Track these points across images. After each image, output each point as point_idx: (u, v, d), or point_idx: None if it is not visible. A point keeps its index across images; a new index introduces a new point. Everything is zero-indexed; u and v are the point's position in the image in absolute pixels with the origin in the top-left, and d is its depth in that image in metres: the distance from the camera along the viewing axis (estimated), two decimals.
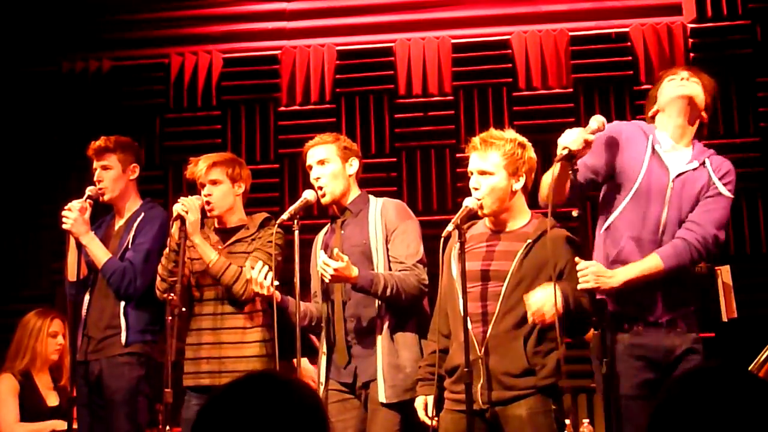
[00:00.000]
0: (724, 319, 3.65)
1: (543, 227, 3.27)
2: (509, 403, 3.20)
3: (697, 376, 1.53)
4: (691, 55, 5.73)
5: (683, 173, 3.29)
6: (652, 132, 3.37)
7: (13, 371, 4.60)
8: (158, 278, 3.96)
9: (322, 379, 3.66)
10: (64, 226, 4.00)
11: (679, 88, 3.31)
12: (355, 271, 3.46)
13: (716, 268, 3.60)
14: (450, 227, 3.21)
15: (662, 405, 1.51)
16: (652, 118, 3.44)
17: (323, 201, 3.76)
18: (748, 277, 5.11)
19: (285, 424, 1.50)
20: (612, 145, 3.31)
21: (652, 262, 3.18)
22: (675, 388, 1.52)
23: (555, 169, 3.12)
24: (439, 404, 3.41)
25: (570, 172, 3.16)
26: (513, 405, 3.19)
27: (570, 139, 3.13)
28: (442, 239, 3.25)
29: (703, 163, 3.31)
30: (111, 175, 4.19)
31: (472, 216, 3.35)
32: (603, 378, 3.11)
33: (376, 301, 3.58)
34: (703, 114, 3.37)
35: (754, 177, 5.40)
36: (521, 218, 3.38)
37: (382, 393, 3.52)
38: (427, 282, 3.62)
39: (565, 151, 3.11)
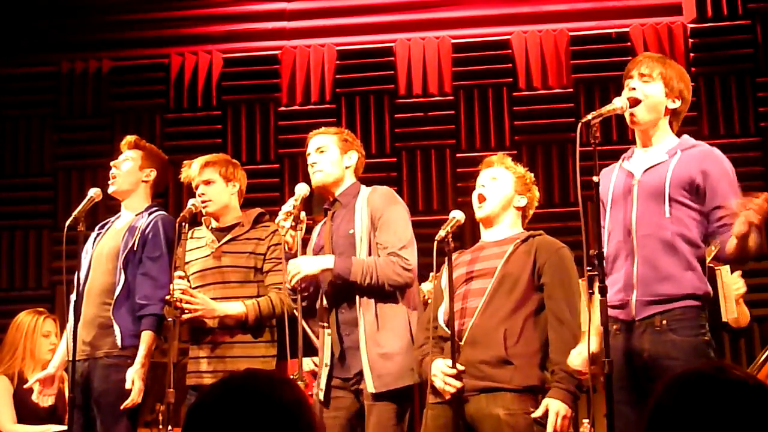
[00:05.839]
0: (724, 319, 3.65)
1: (533, 235, 3.40)
2: (483, 392, 3.19)
3: (690, 378, 1.52)
4: (691, 55, 5.74)
5: (648, 168, 3.09)
6: (629, 151, 3.24)
7: (6, 372, 4.54)
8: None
9: (322, 385, 3.63)
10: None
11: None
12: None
13: (716, 268, 3.58)
14: (442, 233, 3.28)
15: (655, 408, 1.51)
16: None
17: (313, 183, 3.73)
18: (747, 278, 5.10)
19: (268, 421, 1.52)
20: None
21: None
22: (668, 391, 1.52)
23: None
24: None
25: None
26: (489, 402, 3.18)
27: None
28: (436, 242, 3.28)
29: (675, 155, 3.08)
30: (125, 166, 4.19)
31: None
32: (605, 378, 3.08)
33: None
34: (669, 106, 3.13)
35: (754, 177, 5.40)
36: (513, 230, 3.47)
37: (370, 383, 3.49)
38: (412, 267, 3.57)
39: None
